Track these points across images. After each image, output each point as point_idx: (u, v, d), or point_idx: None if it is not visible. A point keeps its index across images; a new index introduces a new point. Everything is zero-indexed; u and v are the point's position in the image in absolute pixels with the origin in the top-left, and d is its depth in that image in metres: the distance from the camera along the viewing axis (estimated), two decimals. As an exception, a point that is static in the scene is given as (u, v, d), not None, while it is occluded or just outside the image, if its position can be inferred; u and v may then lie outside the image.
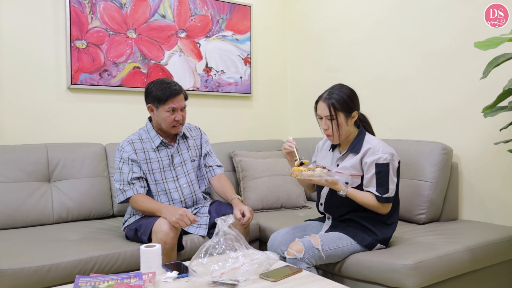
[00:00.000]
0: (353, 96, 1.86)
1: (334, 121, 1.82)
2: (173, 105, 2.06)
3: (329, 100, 1.82)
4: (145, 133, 2.18)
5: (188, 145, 2.27)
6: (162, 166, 2.15)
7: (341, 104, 1.81)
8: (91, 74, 2.70)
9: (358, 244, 1.83)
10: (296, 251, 1.74)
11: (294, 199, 2.75)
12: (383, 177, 1.79)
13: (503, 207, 2.23)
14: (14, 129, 2.52)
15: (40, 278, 1.71)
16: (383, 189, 1.79)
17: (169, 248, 1.87)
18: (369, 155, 1.82)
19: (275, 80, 3.55)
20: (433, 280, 1.73)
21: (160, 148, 2.17)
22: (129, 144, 2.13)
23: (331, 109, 1.80)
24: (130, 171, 2.08)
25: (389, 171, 1.80)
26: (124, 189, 2.06)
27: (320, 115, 1.87)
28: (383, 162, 1.79)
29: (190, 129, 2.33)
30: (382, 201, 1.80)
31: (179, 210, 1.90)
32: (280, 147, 3.27)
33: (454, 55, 2.39)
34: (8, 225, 2.22)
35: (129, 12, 2.81)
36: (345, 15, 3.05)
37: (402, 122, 2.68)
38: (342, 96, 1.82)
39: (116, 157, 2.14)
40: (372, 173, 1.80)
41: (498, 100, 1.60)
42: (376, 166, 1.79)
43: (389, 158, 1.81)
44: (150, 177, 2.13)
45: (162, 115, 2.08)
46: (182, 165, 2.21)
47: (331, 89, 1.87)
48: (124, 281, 1.41)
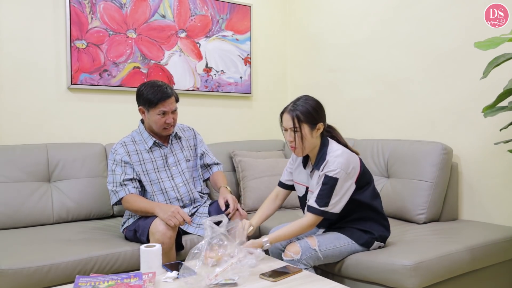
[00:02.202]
0: (318, 108, 1.81)
1: (298, 133, 1.76)
2: (164, 109, 2.05)
3: (293, 112, 1.77)
4: (138, 135, 2.18)
5: (182, 145, 2.27)
6: (156, 167, 2.15)
7: (306, 115, 1.76)
8: (91, 74, 2.70)
9: (356, 243, 1.83)
10: (293, 253, 1.74)
11: (294, 199, 2.74)
12: (327, 190, 1.72)
13: (503, 207, 2.23)
14: (14, 129, 2.52)
15: (40, 278, 1.71)
16: (322, 201, 1.72)
17: (167, 248, 1.86)
18: (325, 168, 1.75)
19: (275, 80, 3.55)
20: (433, 280, 1.73)
21: (154, 148, 2.17)
22: (122, 146, 2.13)
23: (295, 121, 1.76)
24: (123, 173, 2.07)
25: (335, 186, 1.71)
26: (116, 190, 2.06)
27: (285, 127, 1.81)
28: (332, 176, 1.72)
29: (183, 129, 2.33)
30: (317, 213, 1.73)
31: (171, 208, 1.91)
32: (280, 147, 3.27)
33: (454, 55, 2.39)
34: (8, 225, 2.22)
35: (129, 12, 2.81)
36: (345, 15, 3.05)
37: (402, 122, 2.68)
38: (307, 108, 1.77)
39: (109, 160, 2.15)
40: (320, 183, 1.74)
41: (498, 100, 1.60)
42: (324, 177, 1.73)
43: (341, 173, 1.72)
44: (145, 178, 2.12)
45: (153, 118, 2.08)
46: (176, 165, 2.20)
47: (296, 100, 1.81)
48: (124, 281, 1.42)
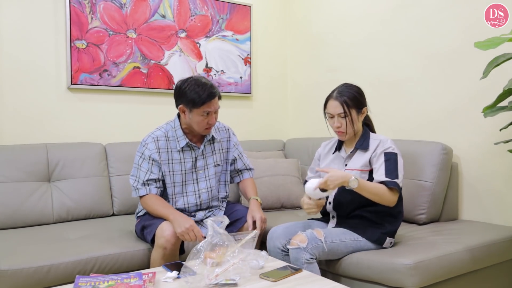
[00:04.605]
0: (361, 93, 1.94)
1: (348, 118, 1.87)
2: (209, 109, 1.94)
3: (341, 98, 1.88)
4: (172, 130, 2.05)
5: (214, 148, 2.14)
6: (184, 168, 2.05)
7: (353, 100, 1.88)
8: (91, 74, 2.70)
9: (363, 241, 1.83)
10: (299, 241, 1.75)
11: (294, 199, 2.75)
12: (392, 164, 1.82)
13: (503, 207, 2.23)
14: (14, 129, 2.52)
15: (40, 278, 1.71)
16: (392, 175, 1.80)
17: (169, 254, 1.85)
18: (379, 147, 1.86)
19: (275, 80, 3.55)
20: (433, 280, 1.73)
21: (185, 149, 2.06)
22: (154, 141, 2.01)
23: (344, 106, 1.86)
24: (148, 171, 1.99)
25: (398, 161, 1.83)
26: (138, 187, 1.99)
27: (331, 114, 1.90)
28: (391, 151, 1.84)
29: (218, 129, 2.20)
30: (392, 185, 1.78)
31: (186, 223, 1.82)
32: (280, 147, 3.27)
33: (454, 55, 2.39)
34: (8, 225, 2.22)
35: (129, 12, 2.81)
36: (345, 15, 3.05)
37: (402, 122, 2.68)
38: (353, 93, 1.89)
39: (137, 152, 2.04)
40: (381, 162, 1.83)
41: (498, 100, 1.60)
42: (385, 154, 1.84)
43: (397, 150, 1.86)
44: (169, 179, 2.03)
45: (196, 118, 1.96)
46: (204, 169, 2.10)
47: (339, 87, 1.93)
48: (124, 281, 1.42)
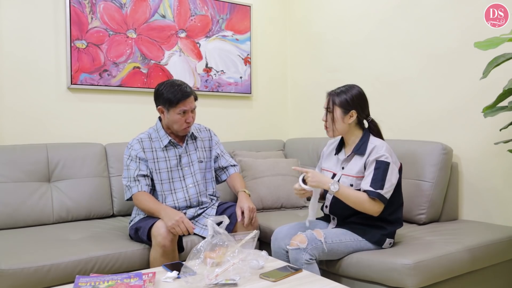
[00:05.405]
0: (356, 97, 1.90)
1: (330, 114, 1.91)
2: (184, 108, 2.06)
3: (332, 95, 1.93)
4: (154, 132, 2.19)
5: (197, 146, 2.26)
6: (169, 166, 2.15)
7: (340, 100, 1.89)
8: (91, 74, 2.70)
9: (363, 241, 1.84)
10: (299, 242, 1.75)
11: (294, 199, 2.75)
12: (380, 174, 1.78)
13: (503, 207, 2.23)
14: (14, 129, 2.52)
15: (40, 278, 1.71)
16: (377, 184, 1.78)
17: (169, 250, 1.87)
18: (373, 154, 1.84)
19: (275, 80, 3.55)
20: (433, 280, 1.73)
21: (169, 147, 2.17)
22: (138, 142, 2.14)
23: (330, 102, 1.92)
24: (137, 169, 2.09)
25: (388, 170, 1.79)
26: (130, 185, 2.08)
27: (324, 106, 1.96)
28: (383, 160, 1.80)
29: (199, 130, 2.33)
30: (373, 196, 1.76)
31: (176, 216, 1.88)
32: (280, 147, 3.27)
33: (454, 55, 2.39)
34: (8, 225, 2.22)
35: (129, 12, 2.81)
36: (345, 15, 3.05)
37: (402, 122, 2.68)
38: (345, 94, 1.90)
39: (124, 155, 2.15)
40: (371, 169, 1.81)
41: (498, 100, 1.60)
42: (376, 162, 1.81)
43: (390, 159, 1.82)
44: (156, 177, 2.13)
45: (173, 117, 2.08)
46: (189, 166, 2.20)
47: (342, 86, 1.96)
48: (124, 281, 1.42)
